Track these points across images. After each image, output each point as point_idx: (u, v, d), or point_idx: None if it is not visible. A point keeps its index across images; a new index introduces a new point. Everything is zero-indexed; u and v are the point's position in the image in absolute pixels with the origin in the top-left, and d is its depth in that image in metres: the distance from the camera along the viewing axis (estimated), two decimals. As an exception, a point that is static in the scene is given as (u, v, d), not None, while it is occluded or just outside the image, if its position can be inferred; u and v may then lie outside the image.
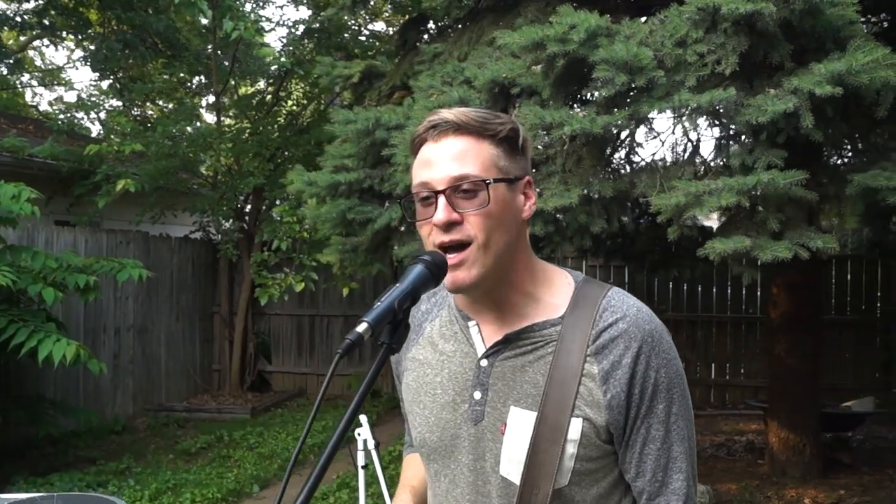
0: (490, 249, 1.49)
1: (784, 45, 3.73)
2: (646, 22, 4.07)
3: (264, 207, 10.54)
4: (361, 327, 1.34)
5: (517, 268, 1.57)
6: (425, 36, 6.83)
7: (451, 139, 1.51)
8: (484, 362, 1.58)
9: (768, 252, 3.64)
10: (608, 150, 4.53)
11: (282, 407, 10.13)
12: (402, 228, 5.12)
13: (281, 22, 17.82)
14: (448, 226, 1.47)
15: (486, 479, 1.56)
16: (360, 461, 4.41)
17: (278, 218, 9.38)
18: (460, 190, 1.48)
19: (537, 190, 4.23)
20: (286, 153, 10.25)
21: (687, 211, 3.69)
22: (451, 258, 1.47)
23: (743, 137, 3.75)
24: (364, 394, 1.41)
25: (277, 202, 10.01)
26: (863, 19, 3.84)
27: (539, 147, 4.42)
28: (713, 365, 10.26)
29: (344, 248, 5.74)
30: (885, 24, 4.69)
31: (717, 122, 3.74)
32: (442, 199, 1.47)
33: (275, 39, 31.02)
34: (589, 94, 4.41)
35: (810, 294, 6.86)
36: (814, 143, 3.69)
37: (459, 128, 1.51)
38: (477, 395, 1.57)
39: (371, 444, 4.36)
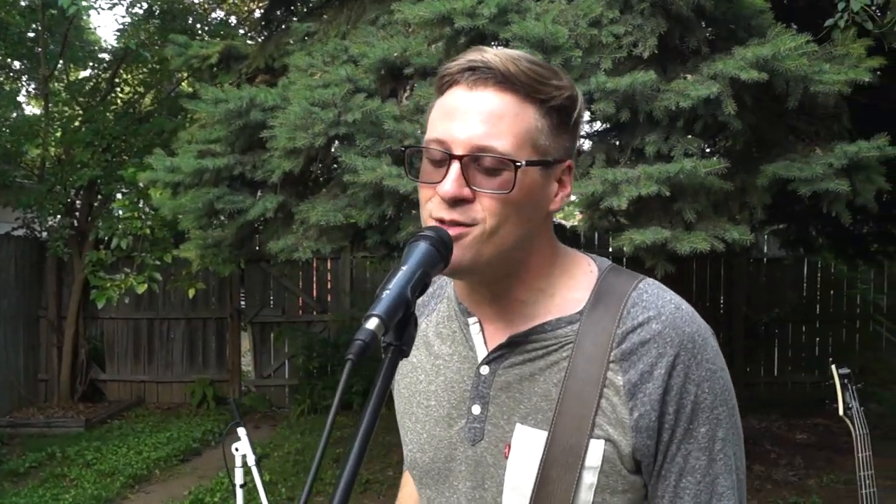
0: (494, 240, 1.18)
1: (701, 30, 3.62)
2: (552, 0, 3.85)
3: (97, 203, 9.72)
4: (372, 323, 1.01)
5: (530, 264, 1.26)
6: (289, 17, 6.38)
7: (489, 92, 1.17)
8: (484, 370, 1.27)
9: (686, 244, 3.50)
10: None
11: (119, 418, 9.34)
12: (278, 220, 4.69)
13: (118, 1, 16.49)
14: (454, 202, 1.15)
15: None
16: (239, 479, 3.94)
17: (117, 214, 8.63)
18: (482, 162, 1.15)
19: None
20: (123, 144, 9.47)
21: (604, 200, 3.49)
22: (450, 230, 1.16)
23: (659, 124, 3.59)
24: (377, 409, 1.07)
25: (119, 196, 9.21)
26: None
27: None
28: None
29: (205, 243, 5.23)
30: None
31: (632, 107, 3.56)
32: (455, 168, 1.15)
33: (110, 21, 29.28)
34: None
35: (680, 289, 6.93)
36: (733, 131, 3.59)
37: (505, 80, 1.17)
38: (476, 409, 1.27)
39: (251, 459, 3.91)
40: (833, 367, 3.18)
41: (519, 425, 1.24)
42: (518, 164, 1.16)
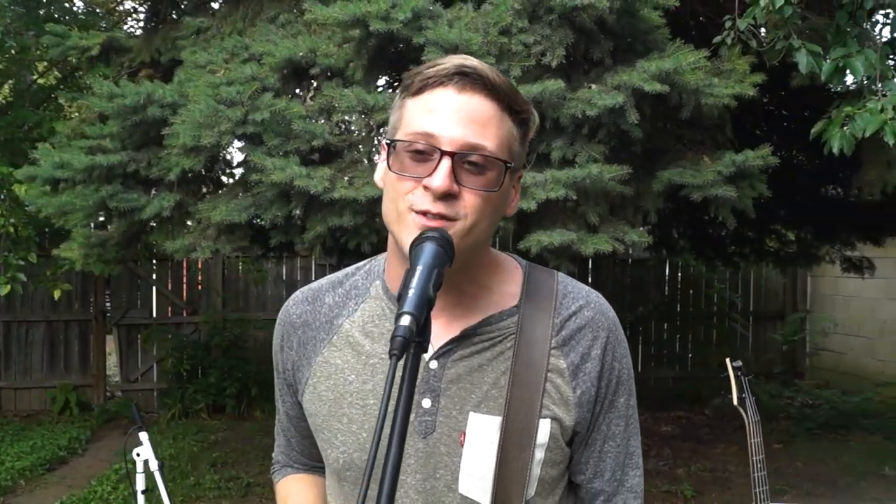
0: (472, 234, 1.26)
1: (606, 43, 3.80)
2: (461, 8, 3.94)
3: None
4: (406, 320, 1.08)
5: (480, 260, 1.37)
6: (176, 10, 6.20)
7: (478, 97, 1.25)
8: (433, 364, 1.35)
9: (590, 245, 3.68)
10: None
11: (-26, 426, 8.81)
12: (173, 219, 4.57)
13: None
14: (443, 196, 1.22)
15: (440, 500, 1.34)
16: (140, 485, 3.84)
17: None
18: (468, 160, 1.23)
19: (345, 178, 3.96)
20: (-21, 136, 8.92)
21: (514, 203, 3.60)
22: (433, 223, 1.24)
23: (565, 130, 3.75)
24: (407, 409, 1.12)
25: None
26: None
27: (342, 132, 4.17)
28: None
29: (89, 242, 5.04)
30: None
31: (540, 114, 3.69)
32: (446, 164, 1.22)
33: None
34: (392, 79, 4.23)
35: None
36: (633, 138, 3.79)
37: (492, 89, 1.26)
38: (426, 403, 1.34)
39: (154, 464, 3.81)
40: (728, 360, 3.42)
41: (472, 414, 1.32)
42: (509, 164, 1.27)
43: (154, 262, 9.78)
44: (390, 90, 4.05)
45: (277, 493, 1.65)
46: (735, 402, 3.37)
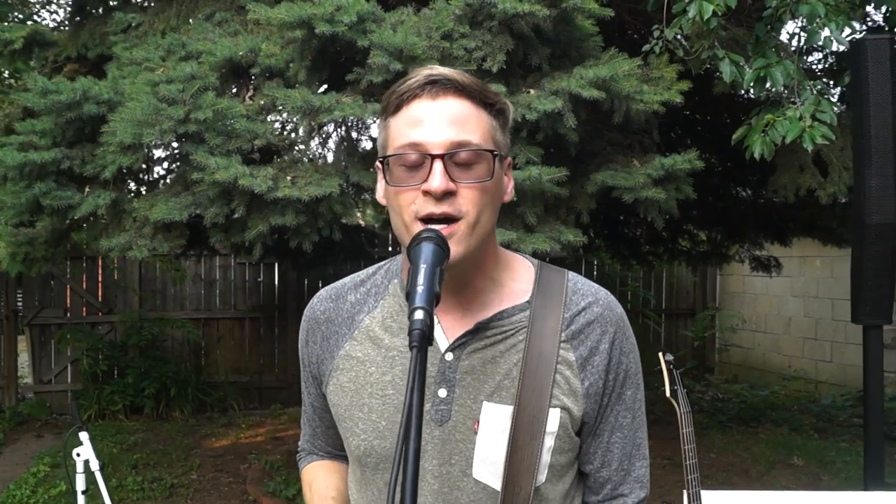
0: (477, 229, 1.37)
1: (543, 49, 3.94)
2: (403, 13, 4.03)
3: None
4: (420, 314, 1.18)
5: (487, 252, 1.46)
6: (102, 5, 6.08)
7: (451, 100, 1.36)
8: (449, 356, 1.45)
9: (529, 245, 3.81)
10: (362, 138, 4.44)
11: None
12: (108, 217, 4.51)
13: None
14: (443, 196, 1.32)
15: (455, 485, 1.44)
16: (81, 485, 3.81)
17: None
18: (457, 158, 1.34)
19: (288, 178, 4.00)
20: None
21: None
22: (442, 229, 1.33)
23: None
24: (421, 399, 1.19)
25: None
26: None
27: (282, 132, 4.20)
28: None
29: (17, 240, 4.93)
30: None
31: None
32: (439, 165, 1.32)
33: None
34: (330, 80, 4.27)
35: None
36: (569, 142, 3.94)
37: (462, 89, 1.37)
38: (442, 392, 1.44)
39: (95, 465, 3.79)
40: (660, 354, 3.60)
41: (486, 403, 1.43)
42: (496, 152, 1.37)
43: (68, 259, 9.54)
44: (333, 91, 4.10)
45: (303, 477, 1.74)
46: (668, 393, 3.55)
